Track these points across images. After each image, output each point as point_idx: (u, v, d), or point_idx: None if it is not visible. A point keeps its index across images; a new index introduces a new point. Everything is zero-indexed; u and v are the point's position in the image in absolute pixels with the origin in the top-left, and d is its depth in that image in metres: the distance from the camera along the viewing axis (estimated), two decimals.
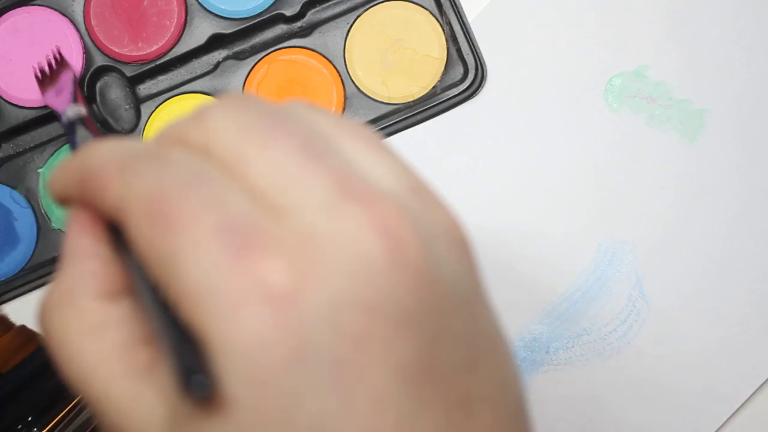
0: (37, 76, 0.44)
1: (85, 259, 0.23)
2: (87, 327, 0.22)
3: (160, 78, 0.47)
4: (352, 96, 0.47)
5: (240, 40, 0.47)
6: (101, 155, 0.22)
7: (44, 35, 0.47)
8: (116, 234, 0.22)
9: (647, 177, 0.46)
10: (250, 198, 0.20)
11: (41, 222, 0.47)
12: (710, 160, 0.46)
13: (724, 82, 0.46)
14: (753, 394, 0.45)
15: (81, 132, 0.38)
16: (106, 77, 0.47)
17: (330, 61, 0.47)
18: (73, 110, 0.40)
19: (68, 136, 0.39)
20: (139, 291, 0.21)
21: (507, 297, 0.46)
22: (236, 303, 0.18)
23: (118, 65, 0.47)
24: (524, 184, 0.47)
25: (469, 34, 0.47)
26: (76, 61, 0.47)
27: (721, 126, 0.46)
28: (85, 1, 0.47)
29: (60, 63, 0.44)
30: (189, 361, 0.19)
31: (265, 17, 0.47)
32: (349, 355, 0.18)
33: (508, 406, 0.21)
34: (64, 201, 0.23)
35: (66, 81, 0.43)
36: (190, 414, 0.19)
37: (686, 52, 0.47)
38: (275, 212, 0.19)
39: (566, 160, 0.47)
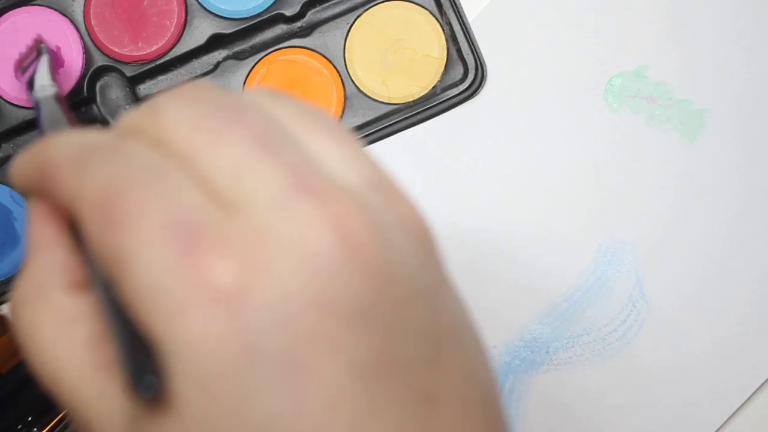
0: (15, 65, 0.43)
1: (50, 249, 0.22)
2: (57, 320, 0.21)
3: (160, 78, 0.47)
4: (352, 96, 0.47)
5: (240, 40, 0.47)
6: (57, 147, 0.21)
7: (44, 35, 0.47)
8: (74, 227, 0.22)
9: (647, 177, 0.46)
10: (203, 193, 0.19)
11: None
12: (710, 160, 0.46)
13: (724, 82, 0.46)
14: (753, 394, 0.46)
15: (51, 113, 0.37)
16: (106, 77, 0.47)
17: (330, 61, 0.47)
18: (42, 88, 0.38)
19: (36, 117, 0.37)
20: (94, 287, 0.21)
21: (507, 297, 0.46)
22: (184, 303, 0.18)
23: (118, 65, 0.47)
24: (524, 184, 0.47)
25: (469, 34, 0.47)
26: (76, 61, 0.47)
27: (721, 126, 0.46)
28: (85, 1, 0.47)
29: (38, 49, 0.43)
30: (138, 361, 0.19)
31: (265, 17, 0.47)
32: (300, 354, 0.18)
33: (479, 399, 0.21)
34: (24, 191, 0.23)
35: (41, 63, 0.41)
36: (142, 414, 0.19)
37: (686, 52, 0.47)
38: (227, 208, 0.19)
39: (566, 160, 0.47)
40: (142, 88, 0.47)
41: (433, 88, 0.47)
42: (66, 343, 0.21)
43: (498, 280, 0.46)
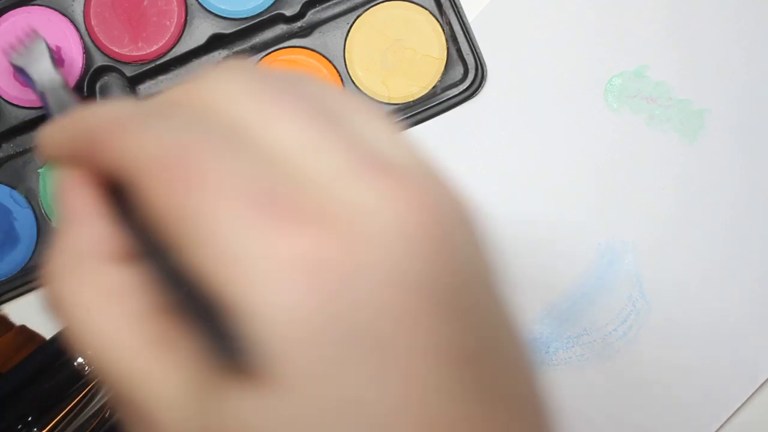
0: (11, 56, 0.42)
1: (89, 219, 0.21)
2: (102, 293, 0.20)
3: (160, 78, 0.47)
4: None
5: (240, 40, 0.47)
6: (104, 113, 0.20)
7: (44, 35, 0.47)
8: (116, 197, 0.21)
9: (647, 177, 0.46)
10: (270, 163, 0.18)
11: (41, 222, 0.47)
12: (710, 160, 0.46)
13: (724, 82, 0.47)
14: (753, 394, 0.46)
15: (59, 99, 0.36)
16: (106, 77, 0.47)
17: (330, 61, 0.47)
18: (48, 77, 0.38)
19: (44, 105, 0.36)
20: (150, 256, 0.20)
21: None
22: (270, 270, 0.17)
23: (118, 65, 0.47)
24: (524, 184, 0.47)
25: (469, 34, 0.47)
26: (76, 61, 0.47)
27: (721, 126, 0.46)
28: (85, 1, 0.47)
29: (32, 35, 0.42)
30: (219, 329, 0.18)
31: (265, 17, 0.47)
32: (386, 332, 0.17)
33: (530, 392, 0.21)
34: (57, 159, 0.22)
35: (39, 51, 0.41)
36: (219, 385, 0.18)
37: (686, 52, 0.47)
38: (296, 179, 0.18)
39: (566, 160, 0.47)
40: (142, 88, 0.47)
41: (433, 88, 0.47)
42: (114, 317, 0.20)
43: None
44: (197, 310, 0.18)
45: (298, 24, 0.47)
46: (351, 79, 0.47)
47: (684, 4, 0.47)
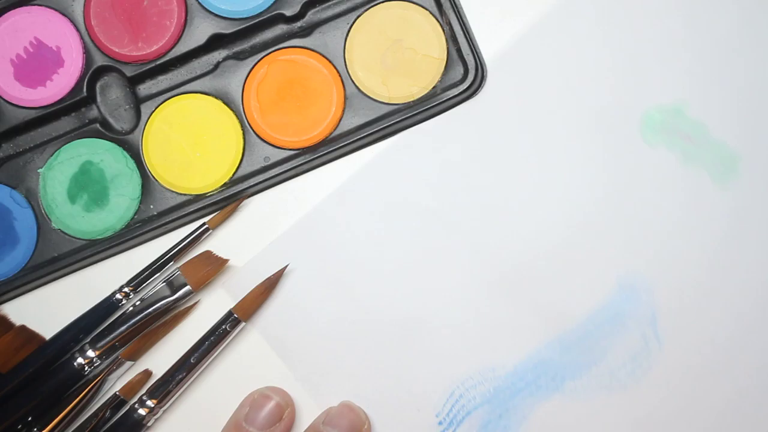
0: None
1: None
2: None
3: (160, 78, 0.47)
4: (352, 96, 0.47)
5: (240, 40, 0.47)
6: None
7: (44, 35, 0.47)
8: None
9: (675, 215, 0.45)
10: None
11: (41, 222, 0.47)
12: (741, 206, 0.45)
13: (762, 129, 0.46)
14: None
15: None
16: (106, 77, 0.47)
17: (330, 61, 0.47)
18: None
19: None
20: None
21: (518, 317, 0.45)
22: None
23: (118, 65, 0.47)
24: (530, 191, 0.46)
25: (469, 34, 0.47)
26: (76, 61, 0.47)
27: (755, 173, 0.46)
28: (85, 1, 0.47)
29: None
30: None
31: (265, 17, 0.47)
32: None
33: None
34: None
35: None
36: None
37: (728, 93, 0.46)
38: None
39: (591, 184, 0.46)
40: (142, 88, 0.47)
41: (433, 88, 0.47)
42: None
43: (512, 298, 0.45)
44: None
45: (298, 24, 0.47)
46: (351, 79, 0.47)
47: (731, 44, 0.46)
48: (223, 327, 0.45)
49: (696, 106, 0.46)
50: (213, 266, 0.45)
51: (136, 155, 0.47)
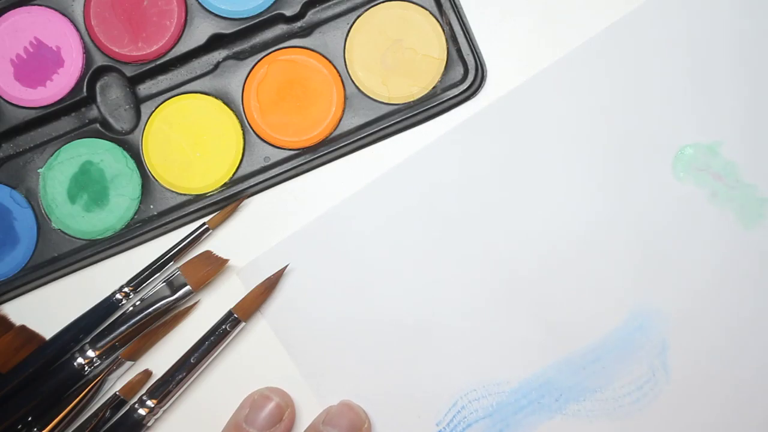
0: None
1: None
2: None
3: (160, 78, 0.47)
4: (352, 96, 0.47)
5: (240, 40, 0.47)
6: None
7: (44, 35, 0.47)
8: None
9: (695, 252, 0.45)
10: None
11: (41, 222, 0.47)
12: (762, 250, 0.45)
13: None
14: None
15: None
16: (106, 77, 0.47)
17: (330, 61, 0.47)
18: None
19: None
20: None
21: (528, 333, 0.45)
22: None
23: (118, 65, 0.47)
24: (532, 195, 0.46)
25: (469, 34, 0.47)
26: (76, 61, 0.47)
27: None
28: (85, 1, 0.47)
29: None
30: None
31: (265, 17, 0.47)
32: None
33: None
34: None
35: None
36: None
37: (763, 137, 0.46)
38: None
39: (615, 213, 0.46)
40: (142, 88, 0.47)
41: (433, 88, 0.47)
42: None
43: (523, 314, 0.45)
44: None
45: (298, 24, 0.47)
46: (351, 79, 0.47)
47: None
48: (223, 327, 0.45)
49: (731, 146, 0.46)
50: (213, 266, 0.45)
51: (136, 155, 0.47)
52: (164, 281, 0.45)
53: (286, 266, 0.46)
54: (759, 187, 0.46)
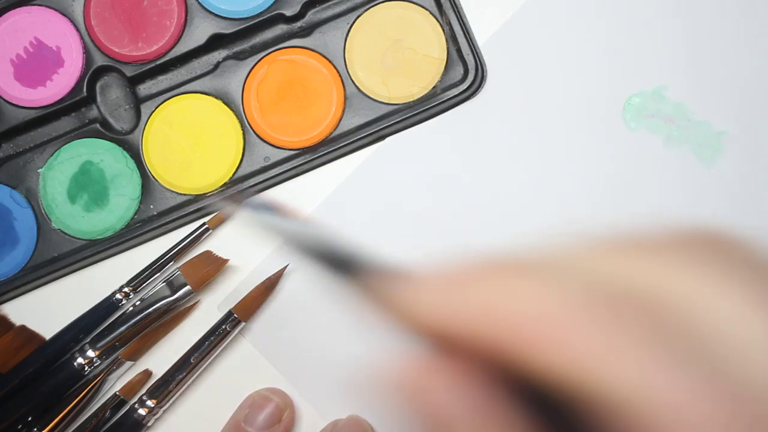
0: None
1: None
2: None
3: (160, 78, 0.47)
4: (352, 96, 0.47)
5: (240, 40, 0.47)
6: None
7: (44, 35, 0.47)
8: None
9: (661, 199, 0.45)
10: None
11: (41, 222, 0.47)
12: (726, 185, 0.45)
13: (743, 105, 0.46)
14: None
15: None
16: (106, 77, 0.47)
17: (330, 61, 0.47)
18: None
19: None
20: None
21: None
22: None
23: (118, 65, 0.47)
24: (529, 190, 0.46)
25: (469, 34, 0.46)
26: (76, 61, 0.47)
27: (739, 150, 0.45)
28: (85, 1, 0.47)
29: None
30: None
31: (265, 17, 0.47)
32: None
33: None
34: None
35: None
36: None
37: (706, 73, 0.46)
38: None
39: (577, 174, 0.46)
40: (142, 88, 0.47)
41: (433, 88, 0.47)
42: None
43: None
44: None
45: (298, 24, 0.47)
46: (351, 79, 0.47)
47: (705, 25, 0.46)
48: (223, 327, 0.45)
49: (676, 88, 0.46)
50: (213, 266, 0.45)
51: (136, 155, 0.47)
52: (164, 281, 0.45)
53: (286, 266, 0.46)
54: (711, 123, 0.46)
